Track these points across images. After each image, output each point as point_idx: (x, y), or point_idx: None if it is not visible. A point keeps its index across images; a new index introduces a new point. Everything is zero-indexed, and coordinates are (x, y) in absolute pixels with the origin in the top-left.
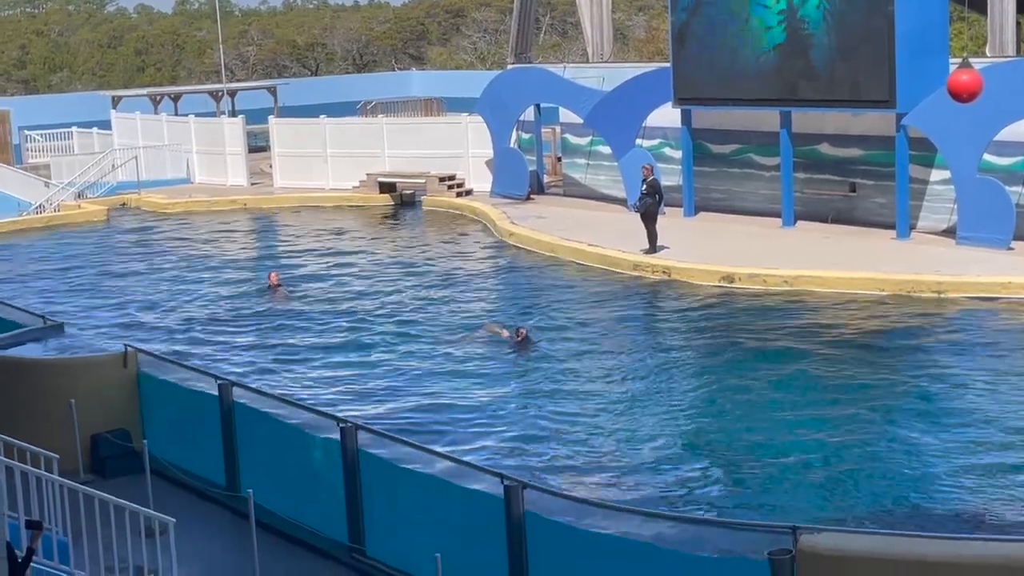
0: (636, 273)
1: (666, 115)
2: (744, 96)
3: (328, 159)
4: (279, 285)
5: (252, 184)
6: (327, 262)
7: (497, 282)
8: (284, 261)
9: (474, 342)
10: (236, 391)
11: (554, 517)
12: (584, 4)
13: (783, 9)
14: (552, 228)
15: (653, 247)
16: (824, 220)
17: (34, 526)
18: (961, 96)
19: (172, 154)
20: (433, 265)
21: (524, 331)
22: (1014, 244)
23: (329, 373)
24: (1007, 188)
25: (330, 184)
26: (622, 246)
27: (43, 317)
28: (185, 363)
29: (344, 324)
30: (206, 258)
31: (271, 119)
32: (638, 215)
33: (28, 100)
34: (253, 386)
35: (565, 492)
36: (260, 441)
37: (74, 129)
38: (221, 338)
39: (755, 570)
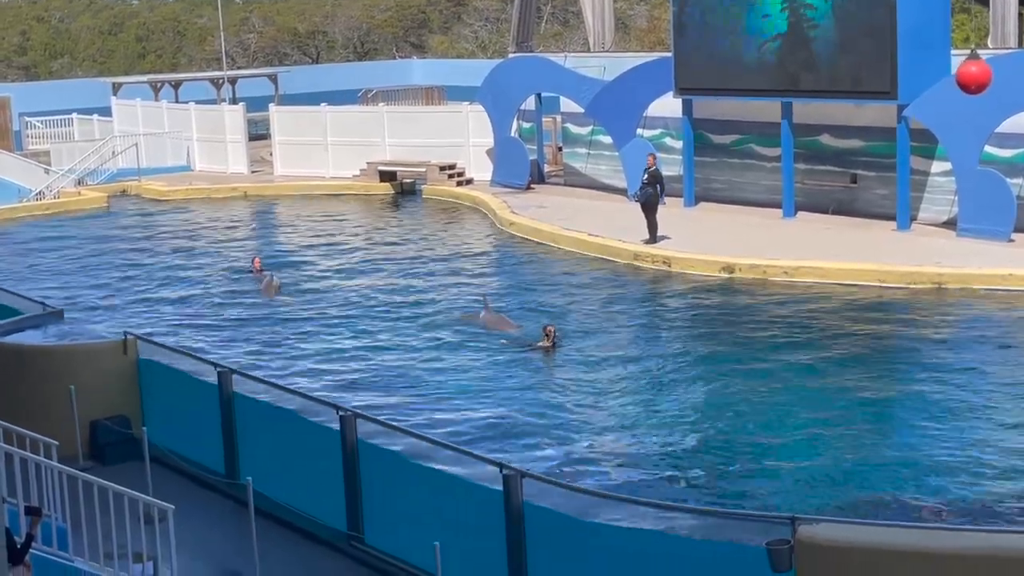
0: (636, 263)
1: (667, 105)
2: (745, 86)
3: (329, 147)
4: (262, 270)
5: (252, 172)
6: (326, 250)
7: (497, 271)
8: (283, 249)
9: (473, 322)
10: (235, 379)
11: (553, 506)
12: None
13: (786, 0)
14: (552, 218)
15: (653, 237)
16: (825, 211)
17: (33, 512)
18: (970, 87)
19: (172, 141)
20: (433, 254)
21: (552, 329)
22: (1015, 236)
23: (327, 361)
24: (1008, 180)
25: (330, 172)
26: (622, 236)
27: (43, 304)
28: (184, 350)
29: (342, 312)
30: (205, 246)
31: (272, 107)
32: (638, 205)
33: (28, 86)
34: (252, 374)
35: (564, 481)
36: (259, 429)
37: (74, 116)
38: (220, 325)
39: (754, 560)
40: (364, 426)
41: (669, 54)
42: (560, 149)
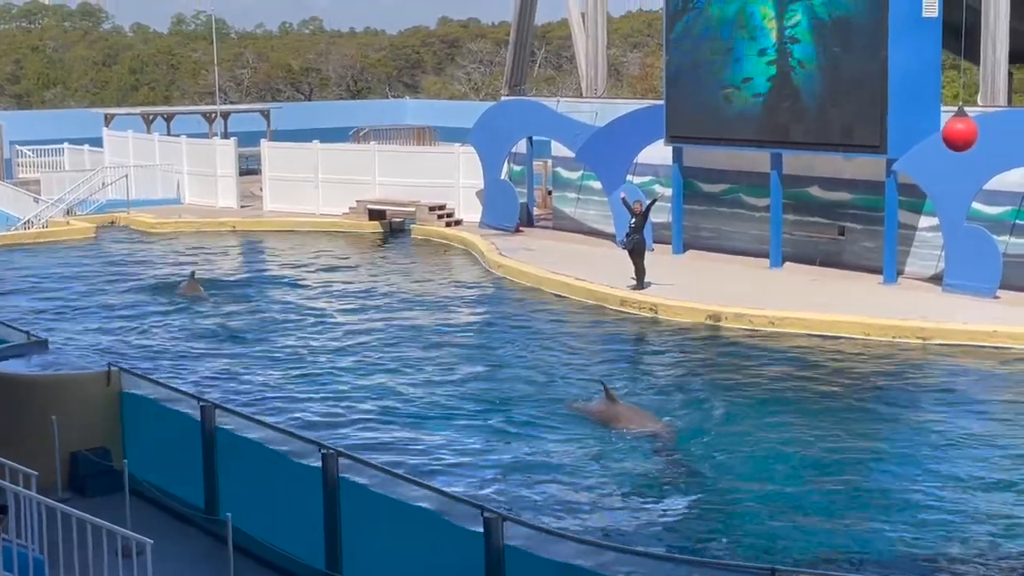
0: (623, 309)
1: (657, 152)
2: (736, 136)
3: (319, 184)
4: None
5: (242, 207)
6: (312, 287)
7: (482, 314)
8: (270, 285)
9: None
10: (218, 413)
11: (533, 550)
12: (579, 39)
13: (775, 52)
14: (540, 261)
15: (640, 283)
16: (812, 262)
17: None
18: (956, 144)
19: (163, 174)
20: (420, 294)
21: (665, 428)
22: (1000, 293)
23: (309, 399)
24: (995, 237)
25: (320, 209)
26: (610, 281)
27: (27, 333)
28: (168, 383)
29: (326, 351)
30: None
31: (263, 142)
32: (626, 252)
33: (20, 115)
34: (235, 409)
35: (545, 525)
36: (240, 465)
37: (65, 145)
38: (203, 359)
39: None
40: (346, 465)
41: (661, 102)
42: (550, 193)
